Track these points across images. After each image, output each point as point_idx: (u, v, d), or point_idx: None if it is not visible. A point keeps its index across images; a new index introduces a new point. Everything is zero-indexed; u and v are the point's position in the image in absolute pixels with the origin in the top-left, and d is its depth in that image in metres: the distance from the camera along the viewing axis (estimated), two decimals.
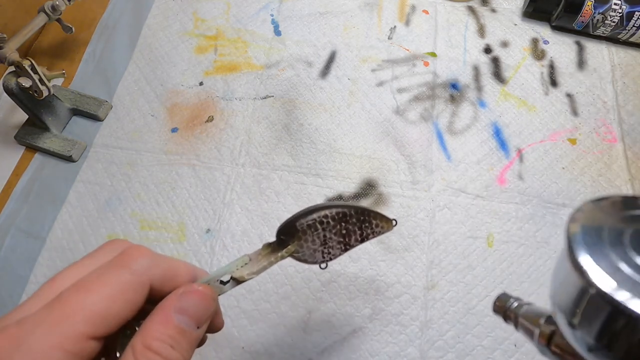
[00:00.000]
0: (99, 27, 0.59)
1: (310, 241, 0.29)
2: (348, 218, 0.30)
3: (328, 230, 0.29)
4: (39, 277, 0.43)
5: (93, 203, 0.47)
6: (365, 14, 0.60)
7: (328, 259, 0.30)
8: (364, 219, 0.30)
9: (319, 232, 0.29)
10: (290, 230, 0.29)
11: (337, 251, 0.30)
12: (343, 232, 0.30)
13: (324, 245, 0.30)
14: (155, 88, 0.54)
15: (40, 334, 0.17)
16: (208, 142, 0.51)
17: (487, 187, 0.48)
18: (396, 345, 0.41)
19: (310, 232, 0.29)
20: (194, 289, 0.21)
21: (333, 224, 0.29)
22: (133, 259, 0.20)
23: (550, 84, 0.55)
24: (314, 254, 0.30)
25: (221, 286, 0.27)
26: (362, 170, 0.49)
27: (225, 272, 0.27)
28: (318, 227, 0.29)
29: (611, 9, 0.53)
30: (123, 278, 0.19)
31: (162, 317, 0.19)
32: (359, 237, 0.31)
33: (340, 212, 0.29)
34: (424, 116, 0.52)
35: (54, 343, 0.17)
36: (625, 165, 0.50)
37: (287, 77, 0.55)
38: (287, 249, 0.29)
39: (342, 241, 0.30)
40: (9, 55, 0.44)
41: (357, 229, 0.30)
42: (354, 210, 0.30)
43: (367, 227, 0.31)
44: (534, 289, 0.44)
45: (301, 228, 0.28)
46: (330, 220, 0.29)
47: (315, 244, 0.29)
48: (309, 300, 0.43)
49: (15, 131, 0.51)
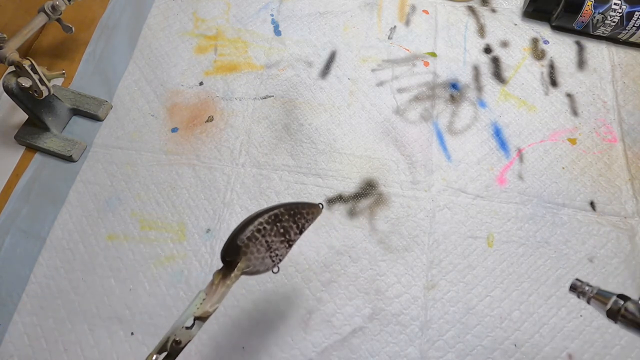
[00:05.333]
0: (99, 27, 0.59)
1: (255, 252, 0.30)
2: (281, 217, 0.31)
3: (268, 235, 0.30)
4: (39, 277, 0.43)
5: (93, 203, 0.47)
6: (365, 14, 0.60)
7: (278, 261, 0.32)
8: (294, 212, 0.32)
9: (260, 240, 0.30)
10: (233, 249, 0.29)
11: (282, 250, 0.32)
12: (281, 231, 0.31)
13: (269, 250, 0.31)
14: (155, 88, 0.54)
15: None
16: (208, 142, 0.51)
17: (487, 187, 0.48)
18: (396, 345, 0.41)
19: (253, 243, 0.30)
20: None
21: (269, 227, 0.30)
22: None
23: (550, 84, 0.55)
24: (263, 261, 0.31)
25: (189, 331, 0.28)
26: (362, 170, 0.49)
27: (188, 317, 0.28)
28: (257, 235, 0.30)
29: (611, 9, 0.53)
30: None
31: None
32: (296, 230, 0.32)
33: (272, 214, 0.31)
34: (424, 116, 0.52)
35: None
36: (625, 165, 0.50)
37: (287, 77, 0.55)
38: (238, 267, 0.29)
39: (283, 239, 0.32)
40: (9, 55, 0.44)
41: (292, 224, 0.32)
42: (283, 209, 0.31)
43: (300, 218, 0.32)
44: (534, 289, 0.44)
45: (242, 243, 0.29)
46: (265, 225, 0.30)
47: (260, 252, 0.30)
48: (309, 300, 0.43)
49: (15, 131, 0.51)
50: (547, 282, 0.44)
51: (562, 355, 0.41)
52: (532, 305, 0.43)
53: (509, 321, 0.42)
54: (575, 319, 0.42)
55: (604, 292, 0.29)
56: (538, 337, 0.42)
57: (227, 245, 0.30)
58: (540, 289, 0.44)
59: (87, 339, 0.41)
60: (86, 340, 0.41)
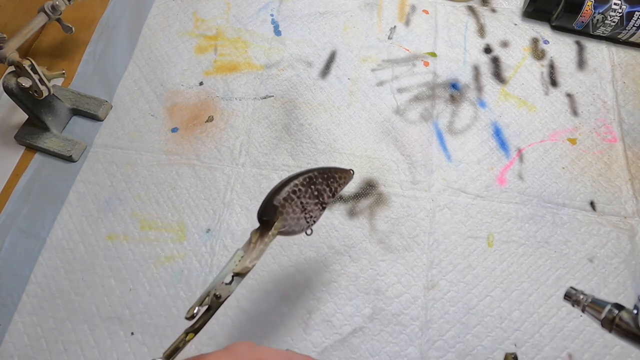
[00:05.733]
0: (99, 27, 0.59)
1: (291, 212, 0.31)
2: (315, 180, 0.32)
3: (303, 197, 0.32)
4: (39, 277, 0.43)
5: (93, 203, 0.47)
6: (365, 14, 0.59)
7: (312, 223, 0.33)
8: (328, 176, 0.33)
9: (295, 201, 0.31)
10: (271, 209, 0.30)
11: (316, 212, 0.33)
12: (315, 193, 0.32)
13: (304, 212, 0.32)
14: (155, 88, 0.54)
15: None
16: (208, 142, 0.51)
17: (487, 187, 0.48)
18: (396, 345, 0.41)
19: (288, 203, 0.31)
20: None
21: (304, 189, 0.32)
22: (236, 346, 0.27)
23: (550, 83, 0.55)
24: (299, 222, 0.32)
25: (228, 287, 0.28)
26: (362, 170, 0.49)
27: (227, 273, 0.29)
28: (293, 196, 0.31)
29: (611, 9, 0.53)
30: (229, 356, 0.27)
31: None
32: (330, 193, 0.34)
33: (307, 177, 0.32)
34: (424, 116, 0.52)
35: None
36: (625, 165, 0.50)
37: (287, 77, 0.55)
38: (275, 226, 0.30)
39: (317, 202, 0.33)
40: (9, 55, 0.44)
41: (325, 187, 0.33)
42: (317, 172, 0.33)
43: (333, 182, 0.34)
44: (534, 289, 0.44)
45: (279, 203, 0.30)
46: (300, 187, 0.31)
47: (296, 212, 0.31)
48: (309, 300, 0.43)
49: (15, 131, 0.51)
50: (547, 282, 0.44)
51: (562, 355, 0.41)
52: (532, 305, 0.43)
53: (509, 321, 0.42)
54: (575, 319, 0.42)
55: (599, 300, 0.28)
56: (538, 337, 0.42)
57: (264, 205, 0.30)
58: (540, 289, 0.44)
59: (87, 339, 0.41)
60: (86, 340, 0.41)
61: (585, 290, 0.43)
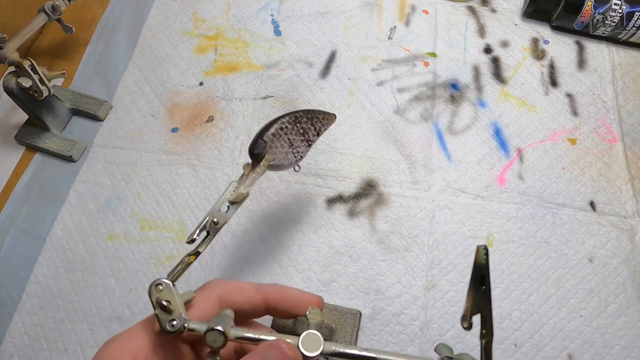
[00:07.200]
0: (99, 27, 0.59)
1: (280, 147, 0.34)
2: (300, 119, 0.36)
3: (289, 133, 0.35)
4: (39, 277, 0.43)
5: (93, 203, 0.47)
6: (365, 14, 0.60)
7: (299, 158, 0.36)
8: (312, 116, 0.37)
9: (283, 137, 0.35)
10: (260, 144, 0.34)
11: (303, 149, 0.37)
12: (301, 131, 0.36)
13: (291, 147, 0.35)
14: (155, 88, 0.54)
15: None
16: (208, 142, 0.51)
17: (487, 187, 0.48)
18: (396, 345, 0.41)
19: (277, 139, 0.34)
20: (279, 345, 0.25)
21: (291, 127, 0.35)
22: (209, 282, 0.30)
23: (550, 84, 0.55)
24: (287, 156, 0.35)
25: (225, 214, 0.31)
26: (362, 170, 0.49)
27: (222, 202, 0.32)
28: (280, 133, 0.35)
29: (611, 9, 0.53)
30: (203, 293, 0.29)
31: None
32: (314, 131, 0.37)
33: (292, 116, 0.35)
34: (424, 116, 0.52)
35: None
36: (625, 165, 0.50)
37: (287, 77, 0.55)
38: (266, 158, 0.34)
39: (303, 139, 0.36)
40: (9, 55, 0.44)
41: (310, 126, 0.37)
42: (302, 112, 0.36)
43: (317, 122, 0.37)
44: (534, 289, 0.44)
45: (268, 139, 0.34)
46: (287, 124, 0.35)
47: (283, 147, 0.35)
48: None
49: (15, 131, 0.51)
50: (547, 282, 0.44)
51: (562, 355, 0.41)
52: (532, 305, 0.43)
53: (509, 321, 0.42)
54: (575, 319, 0.42)
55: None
56: (538, 337, 0.42)
57: (255, 141, 0.34)
58: (540, 289, 0.44)
59: (87, 339, 0.41)
60: (86, 340, 0.41)
61: (585, 290, 0.43)
